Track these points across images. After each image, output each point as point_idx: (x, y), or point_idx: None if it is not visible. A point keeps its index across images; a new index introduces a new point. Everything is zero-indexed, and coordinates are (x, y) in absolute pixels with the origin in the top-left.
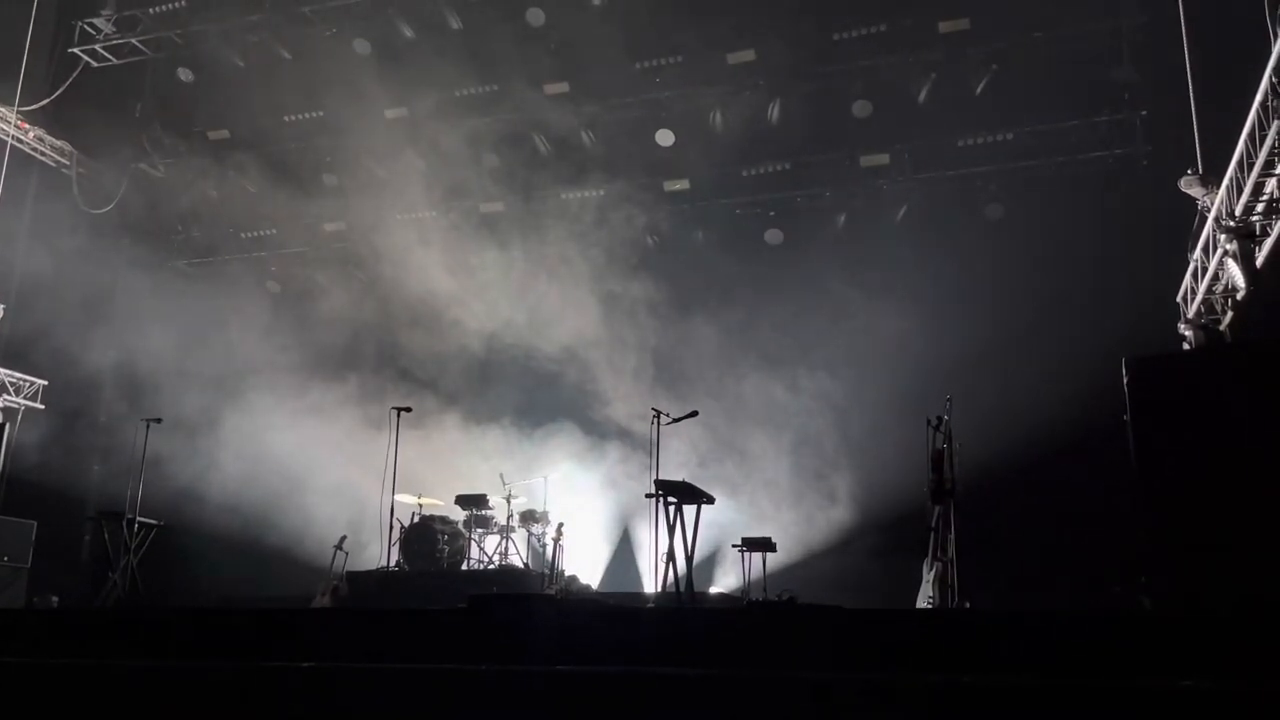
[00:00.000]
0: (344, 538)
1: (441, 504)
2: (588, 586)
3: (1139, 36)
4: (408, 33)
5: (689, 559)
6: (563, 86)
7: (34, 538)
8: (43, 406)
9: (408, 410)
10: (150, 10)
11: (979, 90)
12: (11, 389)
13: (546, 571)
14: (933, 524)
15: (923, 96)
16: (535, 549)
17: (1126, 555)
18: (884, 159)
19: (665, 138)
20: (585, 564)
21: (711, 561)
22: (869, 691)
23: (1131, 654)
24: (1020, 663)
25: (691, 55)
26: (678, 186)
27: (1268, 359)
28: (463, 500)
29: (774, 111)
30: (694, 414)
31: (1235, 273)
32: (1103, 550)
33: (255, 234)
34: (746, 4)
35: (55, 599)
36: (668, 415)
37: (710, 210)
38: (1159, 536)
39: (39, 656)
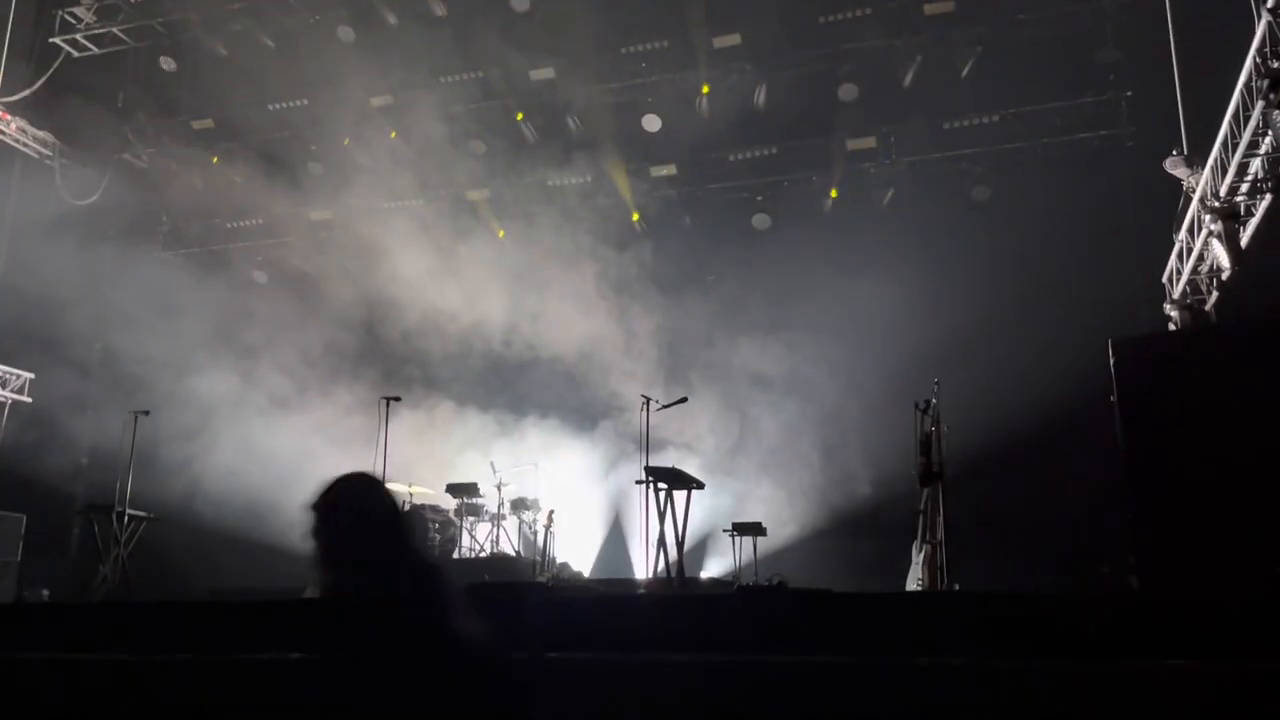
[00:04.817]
0: None
1: (432, 493)
2: (579, 573)
3: (1123, 18)
4: (392, 19)
5: (680, 544)
6: (548, 72)
7: (23, 532)
8: (30, 399)
9: (397, 399)
10: None
11: (965, 73)
12: None
13: (538, 559)
14: (921, 507)
15: (908, 79)
16: (527, 537)
17: (1114, 535)
18: (870, 142)
19: (652, 123)
20: (577, 551)
21: (703, 547)
22: (860, 674)
23: (1119, 634)
24: (1009, 644)
25: (677, 40)
26: (664, 172)
27: (1252, 339)
28: (453, 489)
29: (760, 96)
30: (683, 400)
31: (1220, 253)
32: (1091, 531)
33: (241, 223)
34: None
35: (46, 593)
36: (657, 401)
37: (697, 195)
38: (1146, 516)
39: (30, 650)
